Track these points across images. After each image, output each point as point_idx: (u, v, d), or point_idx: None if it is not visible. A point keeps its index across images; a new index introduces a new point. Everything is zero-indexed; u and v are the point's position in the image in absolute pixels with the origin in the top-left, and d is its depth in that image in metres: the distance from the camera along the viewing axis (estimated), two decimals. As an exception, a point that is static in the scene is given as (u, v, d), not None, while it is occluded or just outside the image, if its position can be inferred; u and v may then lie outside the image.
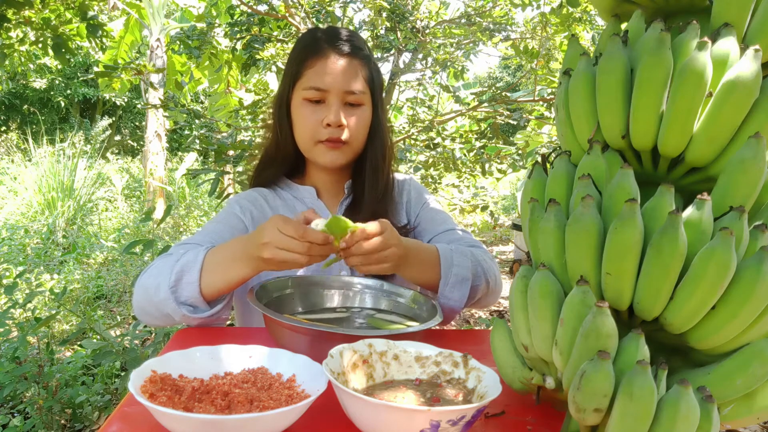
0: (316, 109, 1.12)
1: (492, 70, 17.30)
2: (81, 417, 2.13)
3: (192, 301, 0.93)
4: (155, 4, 6.48)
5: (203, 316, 0.94)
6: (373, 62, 1.19)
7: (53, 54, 2.96)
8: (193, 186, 7.50)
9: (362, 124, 1.16)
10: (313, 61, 1.12)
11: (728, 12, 0.59)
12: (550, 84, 3.18)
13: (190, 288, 0.92)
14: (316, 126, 1.12)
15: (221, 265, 0.92)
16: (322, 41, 1.14)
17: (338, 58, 1.13)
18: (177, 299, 0.92)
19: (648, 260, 0.53)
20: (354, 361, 0.67)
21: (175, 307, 0.92)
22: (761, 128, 0.56)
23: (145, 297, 0.96)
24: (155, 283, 0.94)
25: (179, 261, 0.94)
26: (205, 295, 0.93)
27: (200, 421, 0.52)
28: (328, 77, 1.11)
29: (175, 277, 0.92)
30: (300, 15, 2.89)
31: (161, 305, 0.93)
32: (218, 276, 0.92)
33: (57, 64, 6.70)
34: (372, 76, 1.18)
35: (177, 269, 0.93)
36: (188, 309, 0.93)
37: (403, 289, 1.03)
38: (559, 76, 0.70)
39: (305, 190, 1.23)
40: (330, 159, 1.14)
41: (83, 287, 3.80)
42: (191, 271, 0.93)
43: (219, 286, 0.93)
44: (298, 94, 1.14)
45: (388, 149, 1.24)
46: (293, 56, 1.18)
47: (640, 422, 0.47)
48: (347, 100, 1.13)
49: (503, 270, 5.77)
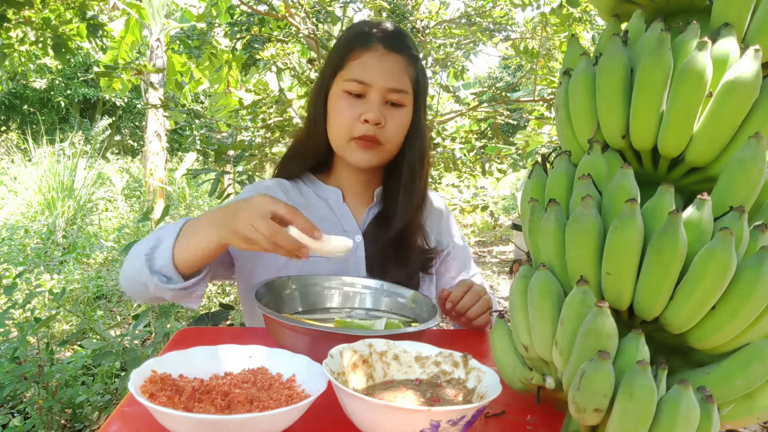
0: (355, 103, 1.06)
1: (492, 70, 17.29)
2: (81, 417, 2.13)
3: (165, 270, 0.88)
4: (155, 4, 6.47)
5: (174, 287, 0.89)
6: (420, 64, 1.13)
7: (53, 54, 2.97)
8: (193, 186, 7.49)
9: (401, 127, 1.10)
10: (359, 52, 1.07)
11: (728, 12, 0.59)
12: (550, 84, 3.18)
13: (164, 256, 0.88)
14: (352, 121, 1.06)
15: (194, 234, 0.88)
16: (371, 34, 1.08)
17: (385, 53, 1.07)
18: (150, 267, 0.88)
19: (648, 260, 0.53)
20: (354, 361, 0.67)
21: (149, 276, 0.88)
22: (761, 128, 0.56)
23: (127, 265, 0.94)
24: (136, 252, 0.92)
25: (161, 230, 0.91)
26: (177, 265, 0.88)
27: (200, 421, 0.52)
28: (372, 71, 1.05)
29: (152, 244, 0.89)
30: (300, 15, 2.89)
31: (138, 274, 0.90)
32: (188, 243, 0.88)
33: (57, 64, 6.70)
34: (418, 78, 1.11)
35: (155, 236, 0.90)
36: (160, 278, 0.88)
37: (403, 289, 1.03)
38: (559, 76, 0.70)
39: (330, 190, 1.18)
40: (362, 158, 1.08)
41: (83, 287, 3.80)
42: (167, 238, 0.89)
43: (187, 255, 0.88)
44: (338, 85, 1.08)
45: (427, 160, 1.17)
46: (338, 45, 1.12)
47: (640, 422, 0.47)
48: (389, 98, 1.07)
49: (503, 270, 5.77)
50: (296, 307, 1.00)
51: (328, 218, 1.15)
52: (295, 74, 3.13)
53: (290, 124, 3.02)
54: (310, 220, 0.81)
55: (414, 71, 1.10)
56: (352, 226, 1.15)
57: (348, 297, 1.04)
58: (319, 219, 1.12)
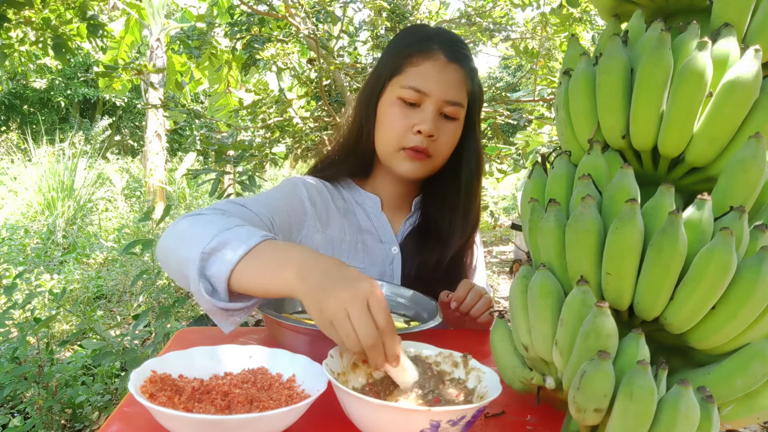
0: (409, 112, 1.02)
1: (492, 70, 17.30)
2: (81, 417, 2.13)
3: (215, 282, 0.73)
4: (155, 4, 6.47)
5: (216, 305, 0.73)
6: (478, 77, 1.09)
7: (53, 54, 2.97)
8: (193, 186, 7.49)
9: (451, 141, 1.06)
10: (420, 59, 1.02)
11: (728, 12, 0.59)
12: (550, 84, 3.18)
13: (222, 267, 0.72)
14: (404, 130, 1.02)
15: (266, 264, 0.72)
16: (432, 40, 1.04)
17: (447, 63, 1.02)
18: (201, 269, 0.73)
19: (648, 260, 0.53)
20: (354, 361, 0.67)
21: (195, 277, 0.72)
22: (761, 128, 0.56)
23: (175, 241, 0.79)
24: (193, 234, 0.77)
25: (231, 230, 0.75)
26: (231, 283, 0.73)
27: (200, 422, 0.52)
28: (431, 81, 1.01)
29: (215, 244, 0.73)
30: (300, 15, 2.89)
31: (186, 264, 0.75)
32: (256, 272, 0.72)
33: (57, 64, 6.70)
34: (474, 92, 1.07)
35: (223, 237, 0.74)
36: (206, 286, 0.73)
37: (403, 289, 1.03)
38: (559, 76, 0.70)
39: (369, 197, 1.13)
40: (410, 169, 1.04)
41: (83, 287, 3.80)
42: (233, 248, 0.73)
43: (249, 282, 0.72)
44: (392, 91, 1.03)
45: (481, 178, 1.13)
46: (396, 47, 1.07)
47: (640, 422, 0.47)
48: (444, 110, 1.03)
49: (503, 270, 5.77)
50: (296, 307, 1.00)
51: (366, 227, 1.12)
52: (295, 74, 3.13)
53: (290, 124, 3.02)
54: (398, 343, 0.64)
55: (472, 84, 1.07)
56: (389, 237, 1.13)
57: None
58: (357, 227, 1.11)
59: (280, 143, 3.08)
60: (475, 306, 1.00)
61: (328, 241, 1.07)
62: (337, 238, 1.08)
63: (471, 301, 1.00)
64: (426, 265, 1.11)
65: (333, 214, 1.09)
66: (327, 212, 1.08)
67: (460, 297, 1.00)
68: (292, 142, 3.11)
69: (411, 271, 1.11)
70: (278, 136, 3.02)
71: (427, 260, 1.11)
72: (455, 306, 1.01)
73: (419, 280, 1.08)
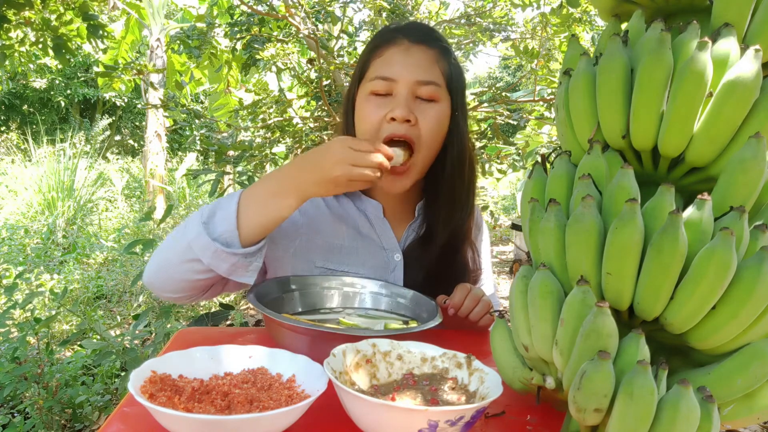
0: (381, 102, 0.97)
1: (492, 70, 17.30)
2: (81, 417, 2.13)
3: (227, 236, 0.84)
4: (155, 4, 6.48)
5: (238, 252, 0.84)
6: (453, 57, 1.03)
7: (53, 54, 2.96)
8: (193, 186, 7.50)
9: (436, 123, 0.98)
10: (382, 50, 0.99)
11: (728, 12, 0.59)
12: (550, 84, 3.18)
13: (225, 223, 0.84)
14: (379, 122, 0.96)
15: (260, 201, 0.85)
16: (398, 32, 1.01)
17: (411, 45, 0.98)
18: (210, 233, 0.84)
19: (648, 260, 0.53)
20: (357, 361, 0.67)
21: (208, 242, 0.83)
22: (761, 128, 0.56)
23: (167, 247, 0.88)
24: (182, 229, 0.87)
25: (211, 205, 0.87)
26: (241, 231, 0.85)
27: (200, 422, 0.52)
28: (396, 65, 0.96)
29: (208, 214, 0.86)
30: (300, 15, 2.89)
31: (187, 250, 0.85)
32: (257, 209, 0.85)
33: (57, 64, 6.70)
34: (450, 71, 1.00)
35: (209, 208, 0.86)
36: (222, 244, 0.84)
37: (403, 289, 1.03)
38: (559, 76, 0.70)
39: (370, 203, 1.09)
40: (391, 184, 0.99)
41: (83, 287, 3.80)
42: (227, 207, 0.86)
43: (258, 221, 0.85)
44: (364, 88, 1.00)
45: (470, 164, 1.06)
46: (366, 48, 1.05)
47: (640, 422, 0.47)
48: (419, 93, 0.96)
49: (503, 270, 5.78)
50: (296, 307, 1.00)
51: (366, 233, 1.09)
52: (295, 74, 3.13)
53: (290, 124, 3.02)
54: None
55: (446, 64, 1.00)
56: (391, 244, 1.09)
57: (348, 297, 1.04)
58: (357, 233, 1.08)
59: (280, 143, 3.08)
60: (473, 310, 0.99)
61: (326, 248, 1.06)
62: (336, 243, 1.07)
63: (469, 306, 0.99)
64: (431, 273, 1.08)
65: (326, 220, 1.08)
66: (320, 219, 1.07)
67: (457, 304, 0.98)
68: (292, 142, 3.11)
69: (417, 279, 1.07)
70: (278, 136, 3.02)
71: (432, 268, 1.08)
72: (452, 313, 0.99)
73: (426, 288, 1.04)
